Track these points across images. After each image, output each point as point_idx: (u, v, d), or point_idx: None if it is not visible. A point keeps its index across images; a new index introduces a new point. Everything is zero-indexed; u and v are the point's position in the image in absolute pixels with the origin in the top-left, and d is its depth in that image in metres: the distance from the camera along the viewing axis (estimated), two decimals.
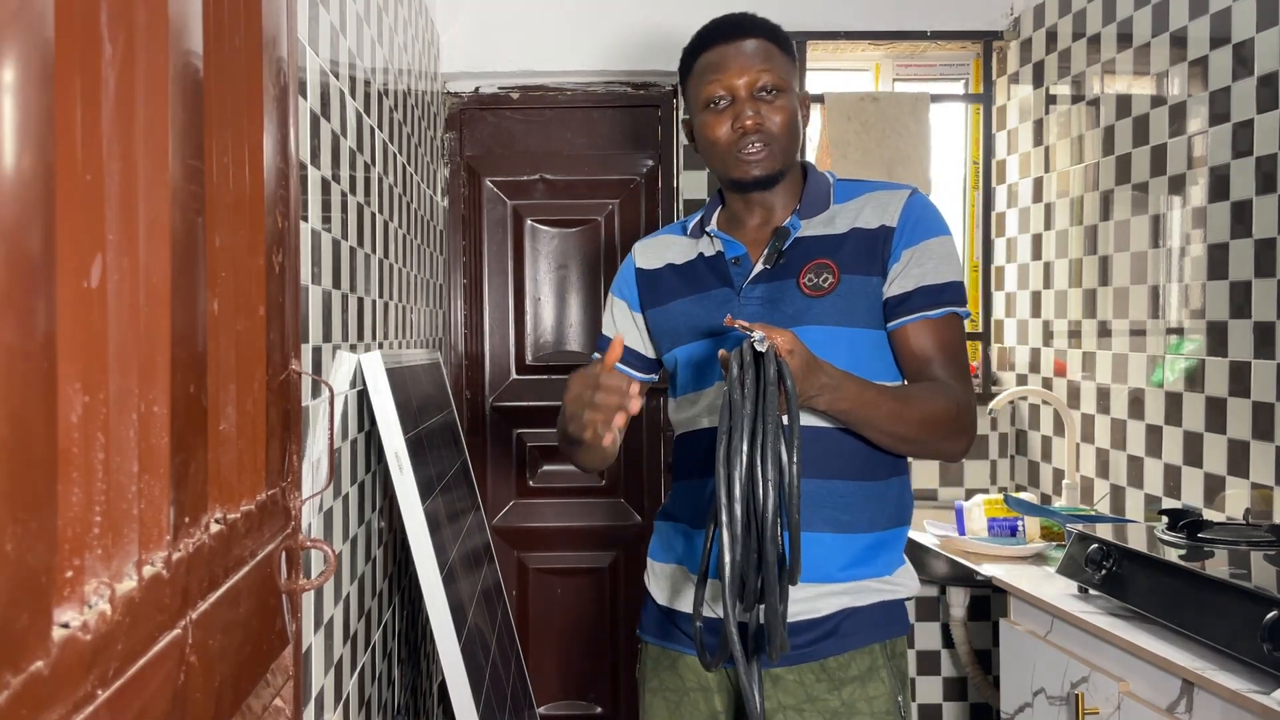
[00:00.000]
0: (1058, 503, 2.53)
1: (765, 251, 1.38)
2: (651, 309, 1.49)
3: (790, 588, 1.09)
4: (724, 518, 1.05)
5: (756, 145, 1.33)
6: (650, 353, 1.53)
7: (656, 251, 1.51)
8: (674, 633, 1.43)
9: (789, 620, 1.27)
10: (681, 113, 1.36)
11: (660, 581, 1.48)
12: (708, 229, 1.44)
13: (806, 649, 1.32)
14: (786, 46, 1.38)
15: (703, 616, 1.24)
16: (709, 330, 1.40)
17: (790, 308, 1.33)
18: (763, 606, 1.10)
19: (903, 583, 1.38)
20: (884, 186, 1.40)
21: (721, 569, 1.04)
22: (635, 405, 1.14)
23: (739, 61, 1.33)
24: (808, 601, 1.31)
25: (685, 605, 1.41)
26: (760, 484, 1.05)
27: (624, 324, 1.52)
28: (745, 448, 1.05)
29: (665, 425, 2.88)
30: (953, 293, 1.33)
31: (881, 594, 1.35)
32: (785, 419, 1.08)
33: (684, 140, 1.47)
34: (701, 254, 1.45)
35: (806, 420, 1.30)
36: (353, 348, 1.54)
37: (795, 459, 1.06)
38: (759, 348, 1.09)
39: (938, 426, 1.28)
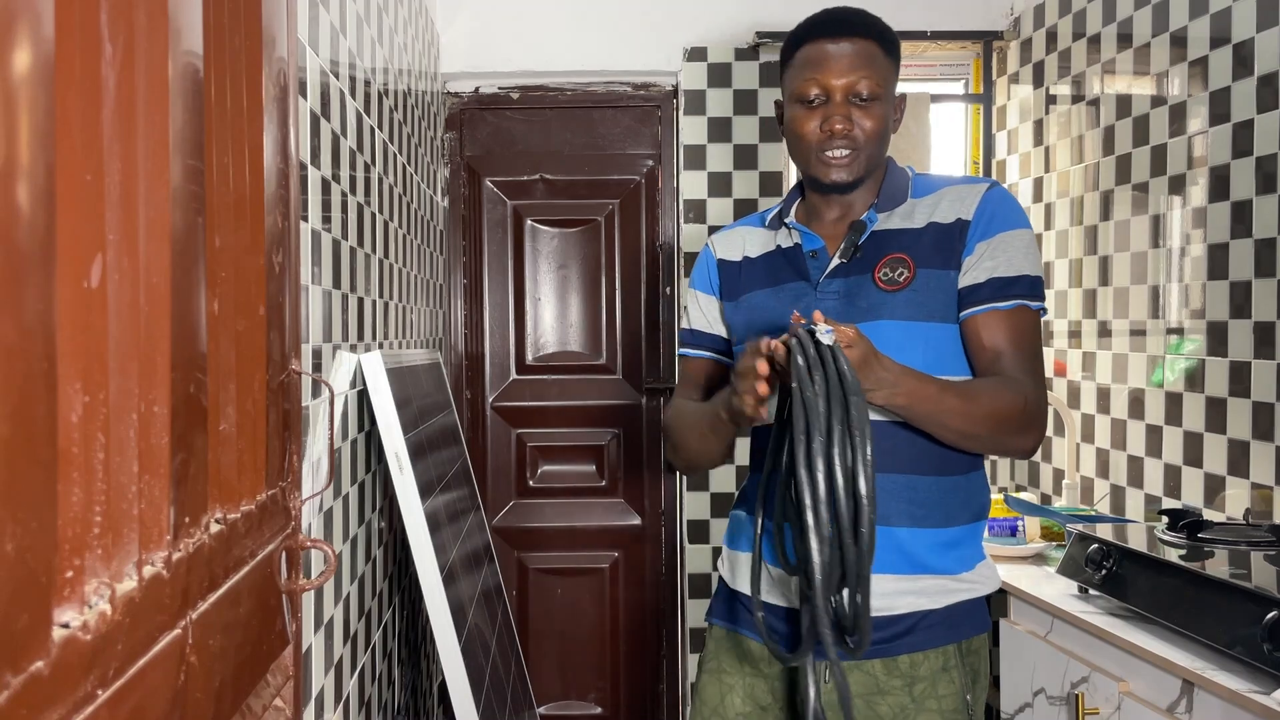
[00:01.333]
0: (1058, 503, 2.53)
1: (842, 245, 1.37)
2: (729, 300, 1.48)
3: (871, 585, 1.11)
4: (810, 520, 1.05)
5: (842, 150, 1.33)
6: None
7: (734, 242, 1.50)
8: (742, 615, 1.43)
9: None
10: (777, 94, 1.36)
11: (736, 568, 1.47)
12: (786, 220, 1.43)
13: (881, 645, 1.31)
14: (892, 49, 1.37)
15: (763, 604, 1.26)
16: (785, 324, 1.39)
17: (865, 302, 1.32)
18: (843, 600, 1.11)
19: (983, 579, 1.36)
20: (963, 181, 1.39)
21: (811, 572, 1.05)
22: (763, 365, 1.14)
23: (840, 63, 1.32)
24: (885, 598, 1.30)
25: (754, 592, 1.42)
26: (842, 483, 1.05)
27: (712, 315, 1.51)
28: (824, 448, 1.06)
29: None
30: (1025, 285, 1.31)
31: (958, 593, 1.33)
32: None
33: (775, 122, 1.47)
34: (779, 246, 1.44)
35: (878, 415, 1.29)
36: (353, 348, 1.54)
37: (868, 456, 1.06)
38: (824, 339, 1.09)
39: (1004, 422, 1.26)
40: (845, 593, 1.10)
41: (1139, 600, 1.59)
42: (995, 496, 2.29)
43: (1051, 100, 2.65)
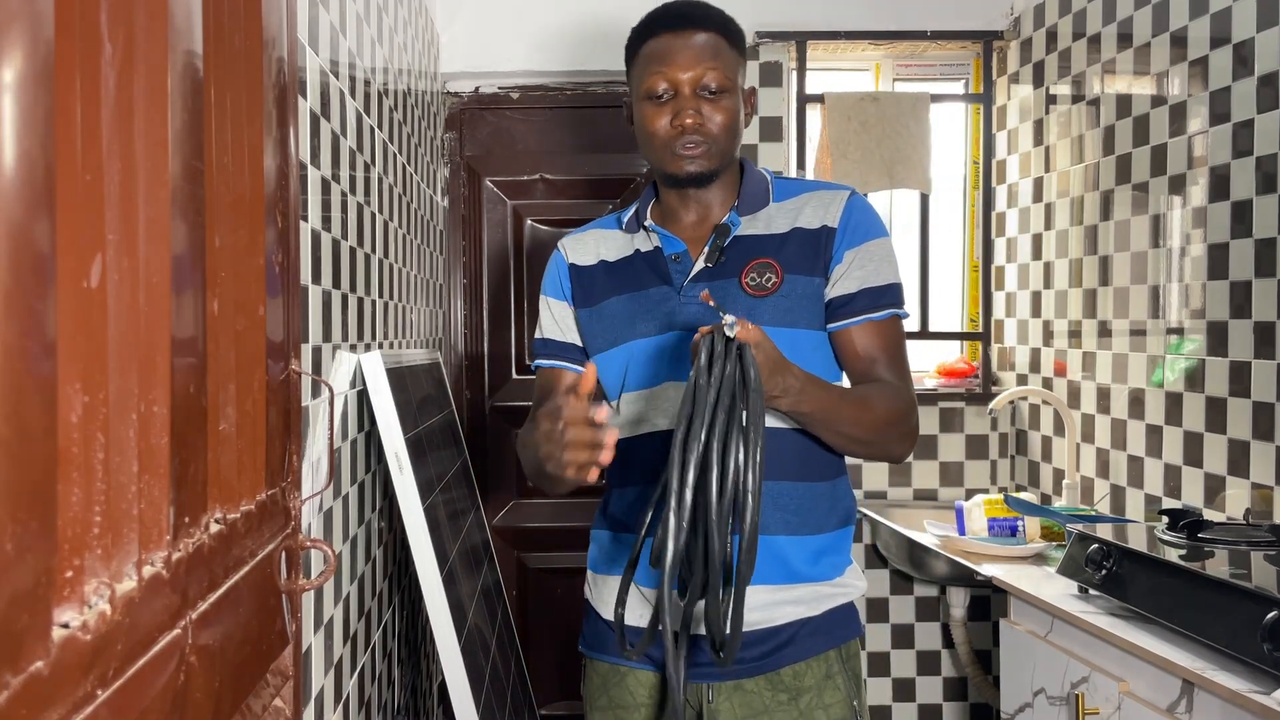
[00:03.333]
0: (1058, 503, 2.53)
1: (706, 249, 1.35)
2: (584, 307, 1.43)
3: (746, 593, 1.07)
4: (673, 502, 1.02)
5: (693, 142, 1.31)
6: None
7: (587, 247, 1.46)
8: (613, 644, 1.41)
9: (745, 629, 1.25)
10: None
11: (604, 594, 1.46)
12: (645, 224, 1.40)
13: (762, 660, 1.31)
14: (737, 41, 1.35)
15: (627, 606, 1.25)
16: (651, 328, 1.36)
17: (732, 307, 1.31)
18: (704, 605, 1.08)
19: (852, 584, 1.37)
20: (822, 186, 1.39)
21: (662, 555, 1.02)
22: (607, 455, 1.09)
23: (685, 56, 1.30)
24: (764, 610, 1.30)
25: (634, 619, 1.38)
26: (715, 475, 1.02)
27: (566, 323, 1.46)
28: (704, 435, 1.02)
29: None
30: (894, 294, 1.33)
31: (833, 599, 1.34)
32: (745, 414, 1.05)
33: (625, 121, 1.43)
34: (638, 250, 1.41)
35: (770, 421, 1.29)
36: (353, 348, 1.54)
37: (758, 456, 1.03)
38: (728, 332, 1.07)
39: (891, 429, 1.28)
40: (708, 597, 1.07)
41: (1139, 600, 1.59)
42: (994, 496, 2.29)
43: (1051, 100, 2.65)
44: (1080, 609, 1.70)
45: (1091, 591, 1.74)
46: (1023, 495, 2.46)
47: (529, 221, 2.97)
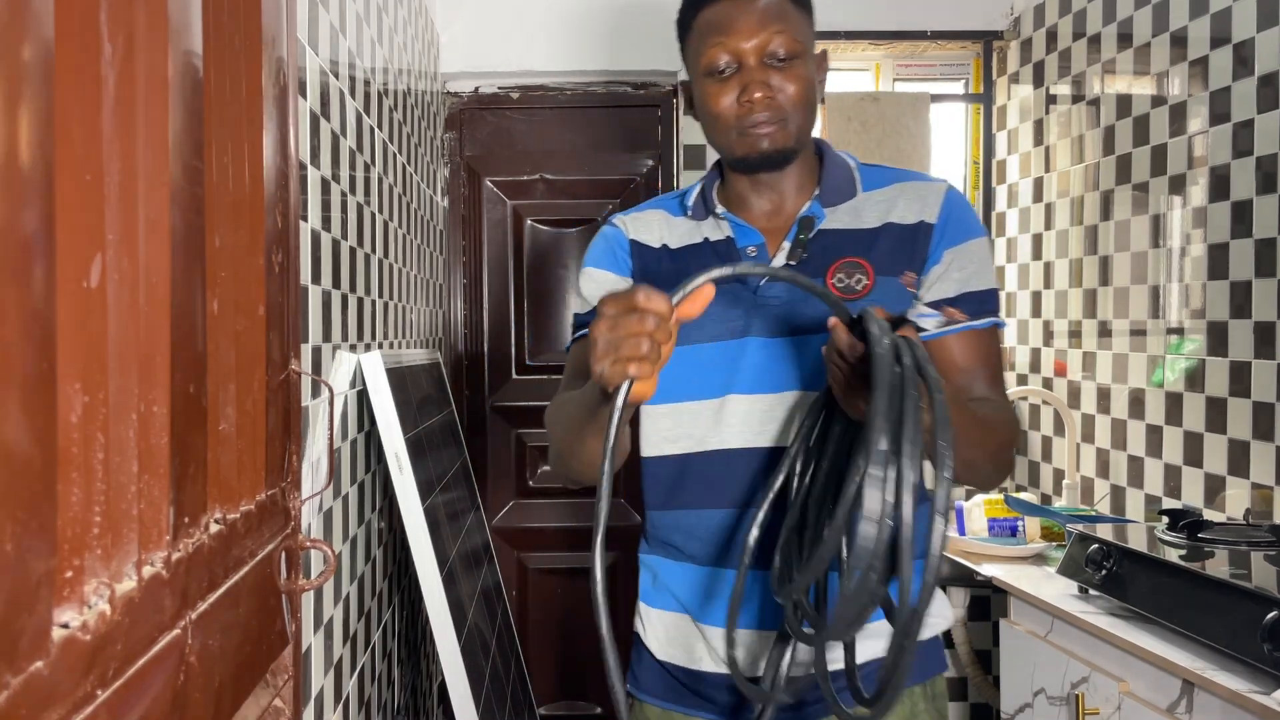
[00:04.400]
0: (1058, 503, 2.53)
1: (788, 244, 1.18)
2: None
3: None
4: (868, 532, 0.79)
5: (765, 120, 1.14)
6: None
7: (651, 227, 1.27)
8: (682, 693, 1.22)
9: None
10: (681, 74, 1.09)
11: (658, 631, 1.25)
12: (716, 210, 1.22)
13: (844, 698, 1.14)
14: (804, 1, 1.18)
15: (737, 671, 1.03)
16: (721, 331, 1.18)
17: (816, 311, 1.13)
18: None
19: (937, 614, 1.21)
20: (916, 176, 1.22)
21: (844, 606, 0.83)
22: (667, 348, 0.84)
23: (748, 21, 1.13)
24: (841, 646, 1.12)
25: (696, 663, 1.19)
26: (896, 505, 0.79)
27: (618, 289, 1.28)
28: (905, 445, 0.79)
29: None
30: (995, 301, 1.18)
31: (920, 632, 1.16)
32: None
33: (682, 109, 1.27)
34: (707, 239, 1.23)
35: None
36: (353, 348, 1.54)
37: (950, 474, 0.79)
38: (928, 325, 0.88)
39: (1001, 453, 1.12)
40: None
41: (1139, 600, 1.59)
42: (993, 496, 2.29)
43: (1051, 100, 2.65)
44: (1080, 609, 1.70)
45: (1091, 591, 1.74)
46: (1023, 495, 2.46)
47: (529, 221, 2.97)
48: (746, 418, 1.16)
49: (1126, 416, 2.31)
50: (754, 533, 1.04)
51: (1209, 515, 1.90)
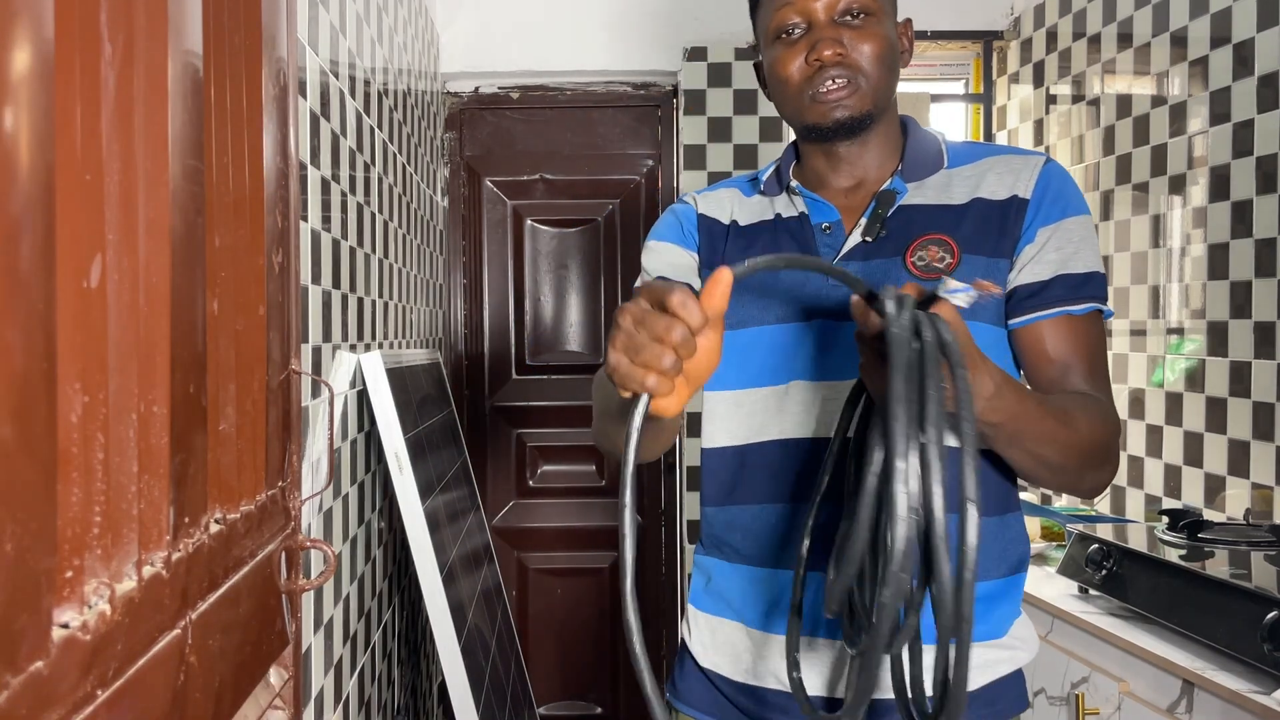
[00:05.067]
0: (1058, 503, 2.53)
1: (864, 220, 1.08)
2: (709, 270, 1.15)
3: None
4: (901, 532, 0.69)
5: (839, 82, 1.05)
6: None
7: (722, 203, 1.19)
8: (726, 708, 1.13)
9: (880, 697, 1.00)
10: (754, 56, 1.02)
11: (705, 637, 1.15)
12: (790, 185, 1.14)
13: None
14: None
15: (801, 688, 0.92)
16: (789, 313, 1.08)
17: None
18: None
19: (1019, 644, 1.08)
20: (1009, 150, 1.11)
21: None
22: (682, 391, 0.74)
23: None
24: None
25: (746, 676, 1.10)
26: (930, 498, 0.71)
27: (686, 267, 1.16)
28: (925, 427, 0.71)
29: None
30: (1098, 285, 1.05)
31: (998, 666, 1.06)
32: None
33: (760, 86, 1.18)
34: (779, 214, 1.14)
35: None
36: (353, 348, 1.54)
37: (972, 457, 0.71)
38: (958, 301, 0.79)
39: (1091, 453, 0.99)
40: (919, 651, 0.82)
41: (1139, 600, 1.59)
42: None
43: (1052, 100, 2.65)
44: (1080, 609, 1.70)
45: (1092, 591, 1.74)
46: (1023, 495, 2.45)
47: (529, 221, 2.97)
48: (809, 406, 1.06)
49: (1127, 416, 2.31)
50: (807, 532, 0.93)
51: (1209, 515, 1.90)
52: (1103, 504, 2.39)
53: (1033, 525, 2.21)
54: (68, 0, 0.52)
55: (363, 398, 1.58)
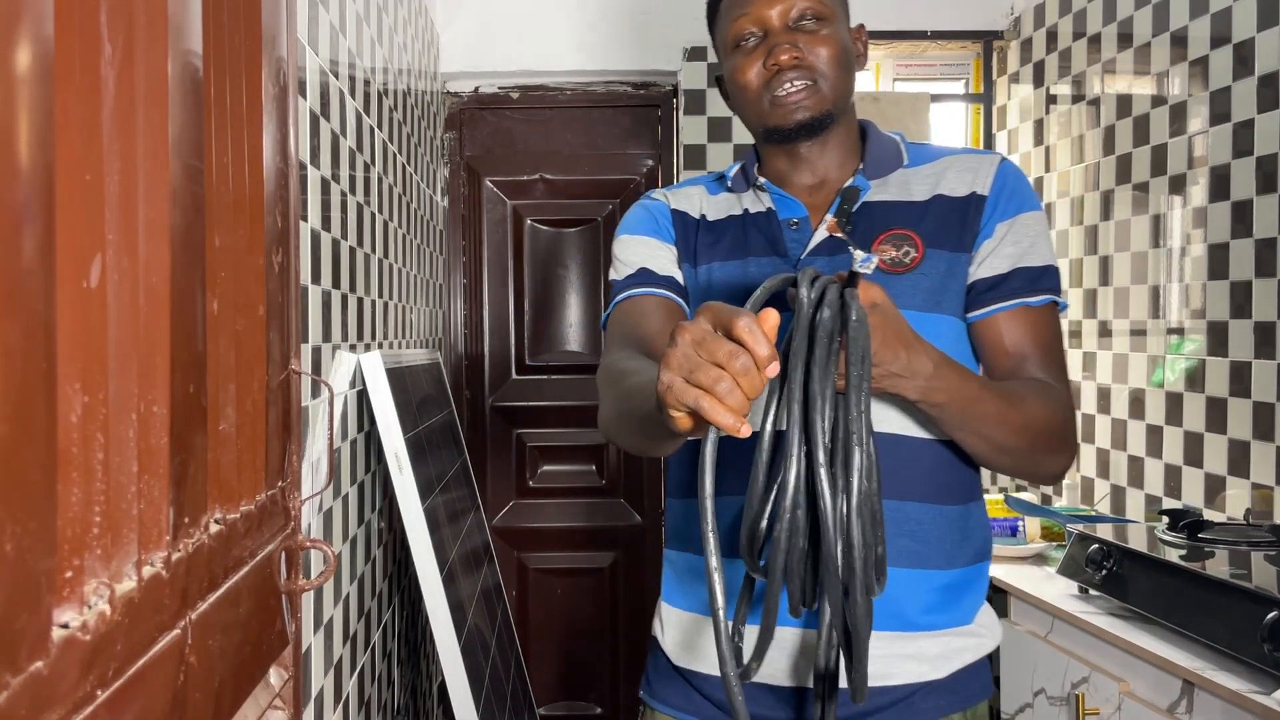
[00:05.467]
0: (1058, 503, 2.53)
1: (830, 216, 1.11)
2: (685, 264, 1.18)
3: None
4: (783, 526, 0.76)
5: (798, 84, 1.08)
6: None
7: (691, 198, 1.22)
8: (694, 699, 1.15)
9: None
10: (711, 75, 1.06)
11: (674, 633, 1.17)
12: (758, 181, 1.17)
13: (871, 717, 1.06)
14: None
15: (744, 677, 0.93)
16: (757, 308, 1.12)
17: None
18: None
19: (984, 631, 1.13)
20: (966, 151, 1.17)
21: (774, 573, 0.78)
22: (772, 368, 0.73)
23: None
24: (878, 662, 1.04)
25: (712, 668, 1.12)
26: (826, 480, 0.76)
27: (666, 259, 1.18)
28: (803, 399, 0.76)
29: None
30: (1053, 278, 1.10)
31: (963, 654, 1.10)
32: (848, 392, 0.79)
33: (723, 99, 1.22)
34: (747, 210, 1.17)
35: (889, 420, 1.06)
36: (352, 348, 1.54)
37: (866, 446, 0.76)
38: (862, 268, 0.83)
39: (1045, 436, 1.03)
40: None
41: (1139, 600, 1.59)
42: (994, 496, 2.29)
43: (1052, 100, 2.65)
44: (1080, 609, 1.70)
45: (1092, 592, 1.74)
46: (1023, 495, 2.46)
47: (529, 221, 2.97)
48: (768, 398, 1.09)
49: (1127, 416, 2.31)
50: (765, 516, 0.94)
51: (1209, 515, 1.90)
52: (1103, 504, 2.39)
53: (1033, 525, 2.21)
54: (67, 0, 0.52)
55: (363, 398, 1.58)
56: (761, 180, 1.16)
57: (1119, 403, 2.34)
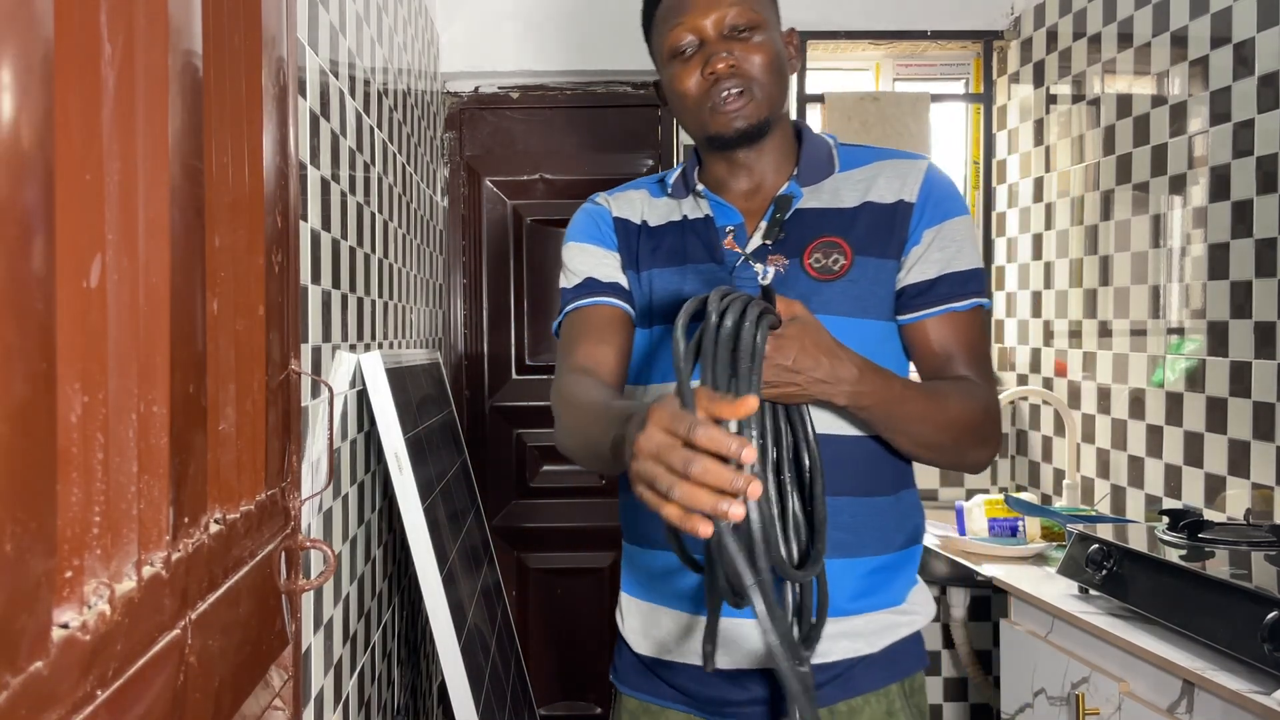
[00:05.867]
0: (1058, 503, 2.53)
1: (764, 224, 1.17)
2: (628, 270, 1.24)
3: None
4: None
5: (734, 92, 1.13)
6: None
7: (633, 204, 1.27)
8: (658, 685, 1.23)
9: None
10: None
11: (635, 622, 1.25)
12: (696, 188, 1.22)
13: (813, 692, 1.11)
14: None
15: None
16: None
17: (793, 292, 1.12)
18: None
19: (917, 609, 1.20)
20: (896, 155, 1.21)
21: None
22: (738, 510, 0.73)
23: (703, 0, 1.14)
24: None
25: (680, 656, 1.20)
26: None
27: (611, 266, 1.23)
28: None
29: None
30: (979, 281, 1.16)
31: (896, 629, 1.17)
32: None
33: (660, 105, 1.29)
34: (686, 216, 1.22)
35: (826, 424, 1.12)
36: (352, 348, 1.54)
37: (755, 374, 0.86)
38: (761, 281, 0.92)
39: (967, 431, 1.10)
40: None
41: (1139, 600, 1.59)
42: (994, 497, 2.29)
43: (1052, 100, 2.65)
44: (1080, 609, 1.70)
45: (1092, 592, 1.74)
46: (1023, 495, 2.46)
47: (529, 221, 2.97)
48: None
49: (1127, 416, 2.31)
50: None
51: (1209, 515, 1.90)
52: (1103, 504, 2.39)
53: (1033, 525, 2.21)
54: (68, 0, 0.52)
55: (362, 398, 1.58)
56: (700, 187, 1.21)
57: (1119, 403, 2.34)
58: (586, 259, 1.24)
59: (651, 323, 1.22)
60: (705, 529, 0.74)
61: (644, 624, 1.23)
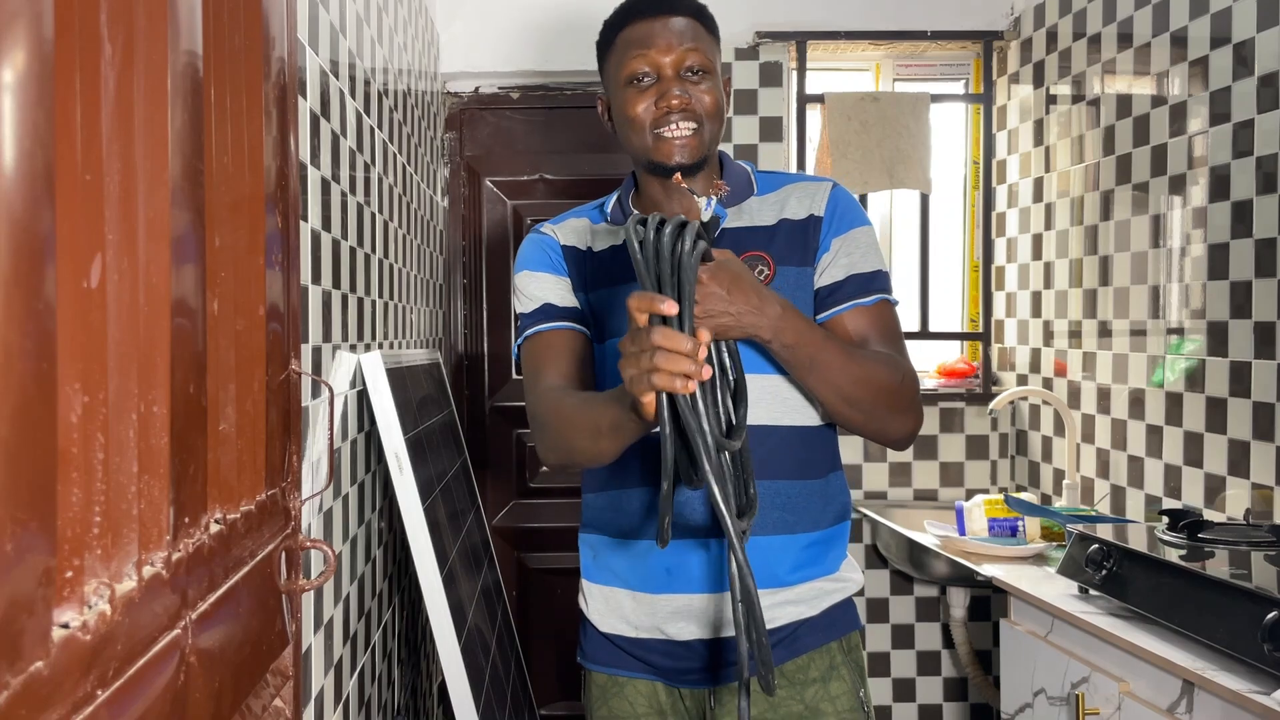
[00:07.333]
0: (1058, 503, 2.53)
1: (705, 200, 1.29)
2: (579, 292, 1.38)
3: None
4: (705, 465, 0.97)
5: (683, 126, 1.27)
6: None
7: (577, 233, 1.40)
8: (623, 658, 1.40)
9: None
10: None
11: (599, 605, 1.44)
12: (632, 214, 1.30)
13: None
14: (713, 28, 1.33)
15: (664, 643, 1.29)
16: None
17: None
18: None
19: (849, 578, 1.36)
20: (804, 178, 1.37)
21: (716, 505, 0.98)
22: (707, 370, 0.97)
23: (666, 38, 1.27)
24: (765, 611, 1.24)
25: (642, 632, 1.37)
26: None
27: (565, 291, 1.37)
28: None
29: None
30: (883, 280, 1.31)
31: (832, 594, 1.34)
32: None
33: (602, 118, 1.38)
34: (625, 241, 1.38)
35: (749, 417, 1.22)
36: (353, 348, 1.54)
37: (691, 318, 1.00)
38: (707, 211, 1.08)
39: (886, 394, 1.23)
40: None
41: (1139, 600, 1.59)
42: (994, 496, 2.29)
43: (1052, 100, 2.65)
44: (1080, 609, 1.70)
45: (1092, 592, 1.74)
46: (1023, 495, 2.45)
47: (529, 221, 2.97)
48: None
49: (1126, 416, 2.31)
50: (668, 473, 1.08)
51: (1209, 515, 1.90)
52: (1103, 504, 2.39)
53: (1033, 525, 2.21)
54: (68, 0, 0.52)
55: (363, 398, 1.58)
56: (635, 213, 1.32)
57: (1119, 403, 2.34)
58: (542, 285, 1.38)
59: (604, 338, 1.36)
60: (689, 385, 0.96)
61: (607, 605, 1.42)
